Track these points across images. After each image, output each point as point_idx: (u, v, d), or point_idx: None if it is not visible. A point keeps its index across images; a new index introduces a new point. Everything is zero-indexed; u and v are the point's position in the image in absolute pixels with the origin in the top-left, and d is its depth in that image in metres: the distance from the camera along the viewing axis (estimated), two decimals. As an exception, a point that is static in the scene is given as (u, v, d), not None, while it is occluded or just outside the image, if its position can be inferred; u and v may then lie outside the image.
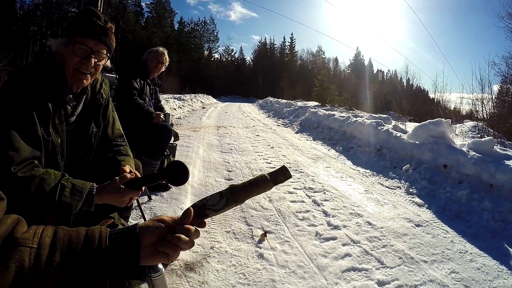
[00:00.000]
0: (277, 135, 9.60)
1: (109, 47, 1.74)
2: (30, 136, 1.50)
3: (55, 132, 1.63)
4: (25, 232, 0.76)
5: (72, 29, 1.65)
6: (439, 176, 4.52)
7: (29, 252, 0.71)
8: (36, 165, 1.50)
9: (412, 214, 3.54)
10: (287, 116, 14.61)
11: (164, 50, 4.13)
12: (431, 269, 2.50)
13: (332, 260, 2.56)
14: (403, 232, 3.10)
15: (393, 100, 15.13)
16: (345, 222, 3.26)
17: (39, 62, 1.67)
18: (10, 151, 1.42)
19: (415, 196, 4.12)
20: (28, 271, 0.69)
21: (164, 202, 3.54)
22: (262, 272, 2.36)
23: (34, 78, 1.56)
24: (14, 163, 1.41)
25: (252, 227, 3.09)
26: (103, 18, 1.69)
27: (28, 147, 1.49)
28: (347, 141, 7.68)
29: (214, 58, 75.51)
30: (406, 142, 5.75)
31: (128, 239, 0.81)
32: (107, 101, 2.00)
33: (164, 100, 15.28)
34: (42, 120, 1.56)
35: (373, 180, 4.89)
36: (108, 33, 1.70)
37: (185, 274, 2.30)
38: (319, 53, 79.22)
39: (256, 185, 1.01)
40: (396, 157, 5.66)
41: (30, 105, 1.51)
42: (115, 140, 2.04)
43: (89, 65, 1.65)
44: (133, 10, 65.58)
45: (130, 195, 1.51)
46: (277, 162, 5.82)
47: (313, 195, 4.05)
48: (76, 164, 1.85)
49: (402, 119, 12.57)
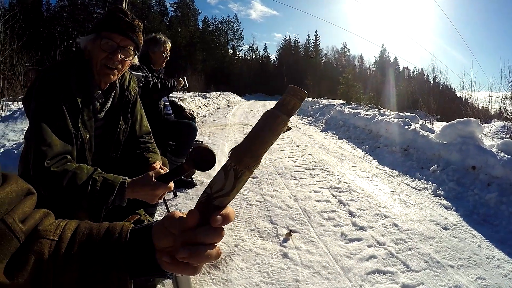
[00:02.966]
0: (303, 134, 9.55)
1: (136, 43, 1.77)
2: (61, 131, 1.55)
3: (84, 128, 1.67)
4: (48, 225, 0.76)
5: (100, 25, 1.70)
6: (467, 177, 4.42)
7: (50, 244, 0.71)
8: (69, 160, 1.55)
9: (439, 217, 3.48)
10: (313, 115, 14.52)
11: (167, 38, 3.90)
12: (457, 274, 2.46)
13: (357, 261, 2.54)
14: (429, 235, 3.05)
15: (420, 99, 14.84)
16: (371, 223, 3.23)
17: (67, 60, 1.72)
18: (43, 146, 1.46)
19: (443, 198, 4.04)
20: (48, 264, 0.69)
21: (189, 199, 3.58)
22: (286, 271, 2.37)
23: (63, 75, 1.60)
24: (47, 157, 1.45)
25: (277, 225, 3.09)
26: (131, 16, 1.74)
27: (60, 142, 1.53)
28: (373, 140, 7.58)
29: (238, 56, 75.82)
30: (434, 142, 5.63)
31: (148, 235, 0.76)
32: (135, 98, 2.05)
33: (189, 98, 15.42)
34: (72, 116, 1.60)
35: (399, 181, 4.82)
36: (135, 29, 1.74)
37: (209, 271, 2.33)
38: (343, 50, 78.56)
39: (264, 129, 0.65)
40: (423, 157, 5.56)
41: (60, 101, 1.55)
42: (142, 137, 2.08)
43: (116, 60, 1.69)
44: (157, 10, 66.55)
45: (162, 189, 1.51)
46: (302, 161, 5.80)
47: (339, 194, 4.02)
48: (103, 159, 1.90)
49: (429, 118, 12.28)
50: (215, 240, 0.67)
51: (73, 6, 60.19)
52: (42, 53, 18.33)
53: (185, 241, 0.66)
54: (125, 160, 1.95)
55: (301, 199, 3.81)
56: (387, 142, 6.95)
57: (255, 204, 3.58)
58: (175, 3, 69.28)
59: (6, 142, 6.37)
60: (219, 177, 0.65)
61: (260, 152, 0.65)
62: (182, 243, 0.66)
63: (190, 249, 0.64)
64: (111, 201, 1.48)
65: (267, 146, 0.65)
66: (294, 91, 0.65)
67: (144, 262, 0.73)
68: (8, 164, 3.84)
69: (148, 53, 3.74)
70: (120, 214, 1.68)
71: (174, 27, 63.99)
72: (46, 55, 17.61)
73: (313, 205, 3.64)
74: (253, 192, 3.95)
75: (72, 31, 59.18)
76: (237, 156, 0.64)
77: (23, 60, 15.28)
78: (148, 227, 0.75)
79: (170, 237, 0.69)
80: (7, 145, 5.91)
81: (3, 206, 0.68)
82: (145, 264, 0.73)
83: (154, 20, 58.44)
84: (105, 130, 1.89)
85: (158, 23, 57.85)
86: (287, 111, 0.65)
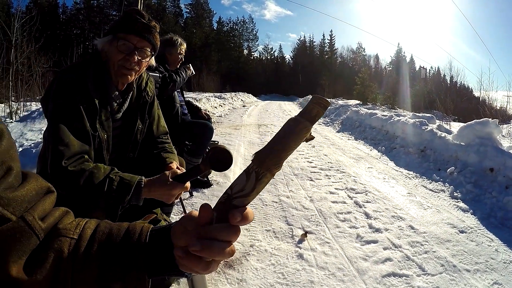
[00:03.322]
0: (318, 134, 9.53)
1: (153, 44, 1.79)
2: (79, 131, 1.58)
3: (101, 128, 1.70)
4: (68, 223, 0.77)
5: (116, 27, 1.73)
6: (485, 180, 4.36)
7: (69, 242, 0.73)
8: (86, 159, 1.58)
9: (456, 220, 3.44)
10: (328, 115, 14.45)
11: (182, 40, 3.93)
12: (474, 278, 2.43)
13: (373, 264, 2.53)
14: (446, 238, 3.02)
15: (437, 99, 14.64)
16: (387, 225, 3.21)
17: (84, 62, 1.74)
18: (61, 146, 1.49)
19: (460, 201, 3.99)
20: (67, 262, 0.70)
21: (205, 199, 3.62)
22: (301, 272, 2.37)
23: (80, 77, 1.63)
24: (64, 157, 1.48)
25: (293, 226, 3.10)
26: (147, 17, 1.75)
27: (78, 142, 1.56)
28: (389, 141, 7.53)
29: (253, 56, 75.89)
30: (451, 143, 5.56)
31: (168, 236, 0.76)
32: (152, 99, 2.07)
33: (205, 99, 15.50)
34: (89, 116, 1.63)
35: (416, 182, 4.78)
36: (151, 31, 1.75)
37: (224, 271, 2.35)
38: (359, 50, 78.01)
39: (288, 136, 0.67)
40: (440, 159, 5.50)
41: (78, 102, 1.58)
42: (159, 137, 2.11)
43: (133, 61, 1.71)
44: (172, 11, 67.13)
45: (179, 189, 1.53)
46: (318, 161, 5.80)
47: (355, 196, 4.01)
48: (121, 159, 1.93)
49: (446, 118, 12.10)
50: (230, 238, 0.67)
51: (89, 9, 61.20)
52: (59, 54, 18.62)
53: (200, 235, 0.67)
54: (142, 160, 1.98)
55: (317, 200, 3.81)
56: (404, 143, 6.90)
57: (271, 204, 3.60)
58: (189, 4, 69.83)
59: (24, 141, 6.51)
60: (241, 178, 0.67)
61: (282, 156, 0.66)
62: (196, 237, 0.67)
63: (203, 242, 0.65)
64: (128, 200, 1.50)
65: (289, 151, 0.66)
66: (317, 99, 0.68)
67: (163, 261, 0.74)
68: (26, 163, 3.92)
69: (164, 55, 3.78)
70: (137, 213, 1.69)
71: (189, 28, 64.47)
72: (63, 57, 17.91)
73: (329, 206, 3.64)
74: (269, 192, 3.97)
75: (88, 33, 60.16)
76: (259, 159, 0.66)
77: (41, 62, 15.58)
78: (168, 227, 0.76)
79: (188, 235, 0.69)
80: (25, 144, 6.05)
81: (23, 204, 0.70)
82: (163, 263, 0.74)
83: (169, 21, 58.92)
84: (122, 130, 1.92)
85: (173, 25, 58.33)
86: (310, 118, 0.67)
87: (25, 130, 7.42)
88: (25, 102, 12.02)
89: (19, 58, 14.62)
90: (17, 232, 0.66)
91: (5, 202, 0.66)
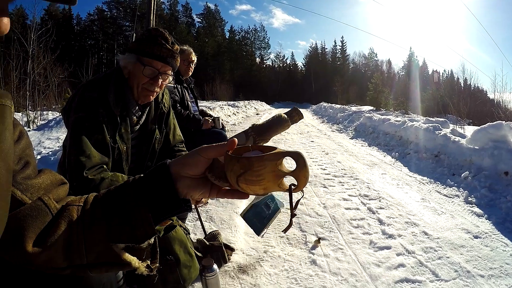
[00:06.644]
0: (332, 141, 9.53)
1: (174, 67, 1.87)
2: (99, 143, 1.65)
3: (121, 140, 1.77)
4: (75, 198, 0.84)
5: (141, 49, 1.79)
6: (500, 184, 4.32)
7: (77, 209, 0.78)
8: (105, 169, 1.65)
9: (471, 225, 3.41)
10: (342, 122, 14.45)
11: (189, 48, 3.97)
12: (488, 284, 2.40)
13: (385, 270, 2.54)
14: (460, 244, 3.00)
15: (450, 102, 14.50)
16: (400, 231, 3.21)
17: (106, 76, 1.82)
18: (82, 157, 1.57)
19: (474, 206, 3.95)
20: (77, 224, 0.76)
21: (219, 206, 3.65)
22: (314, 278, 2.39)
23: (102, 94, 1.70)
24: (85, 167, 1.56)
25: (306, 233, 3.13)
26: (171, 41, 1.82)
27: (98, 153, 1.63)
28: (403, 147, 7.50)
29: (266, 64, 76.23)
30: (465, 147, 5.51)
31: (159, 170, 0.81)
32: (168, 109, 2.16)
33: (218, 107, 15.61)
34: (110, 129, 1.71)
35: (430, 188, 4.75)
36: (175, 56, 1.83)
37: (238, 276, 2.38)
38: (371, 55, 77.90)
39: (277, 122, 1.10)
40: (454, 164, 5.46)
41: (99, 116, 1.65)
42: (176, 146, 2.19)
43: (156, 85, 1.80)
44: (184, 21, 67.98)
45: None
46: (332, 168, 5.80)
47: (368, 202, 4.01)
48: (140, 168, 2.01)
49: (460, 122, 11.97)
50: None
51: (103, 20, 62.45)
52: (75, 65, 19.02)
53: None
54: None
55: (330, 207, 3.82)
56: (417, 148, 6.87)
57: (284, 211, 3.62)
58: (201, 14, 70.75)
59: (42, 149, 6.67)
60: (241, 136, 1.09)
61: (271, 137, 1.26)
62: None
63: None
64: None
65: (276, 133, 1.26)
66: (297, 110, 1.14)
67: (160, 194, 0.78)
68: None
69: None
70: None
71: (201, 37, 65.19)
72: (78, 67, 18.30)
73: (342, 213, 3.65)
74: (282, 200, 3.99)
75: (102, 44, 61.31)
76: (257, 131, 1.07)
77: (57, 72, 15.92)
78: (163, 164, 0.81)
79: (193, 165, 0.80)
80: (43, 152, 6.21)
81: (40, 190, 0.78)
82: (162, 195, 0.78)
83: (182, 31, 59.72)
84: (140, 140, 2.00)
85: (185, 34, 59.11)
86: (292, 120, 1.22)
87: (42, 139, 7.60)
88: (42, 111, 12.29)
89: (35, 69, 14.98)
90: (34, 210, 0.74)
91: (23, 188, 0.75)
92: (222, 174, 0.79)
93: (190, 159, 0.80)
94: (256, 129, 0.92)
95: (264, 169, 0.72)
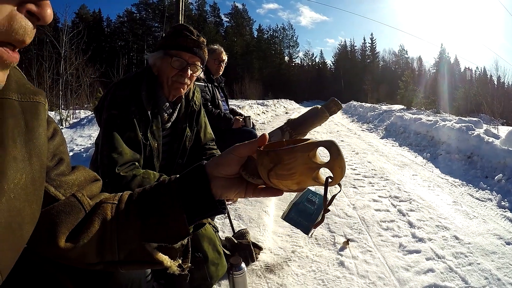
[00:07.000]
0: (362, 141, 9.41)
1: (202, 58, 1.89)
2: (131, 140, 1.69)
3: (152, 137, 1.81)
4: (109, 196, 0.86)
5: (167, 43, 1.83)
6: (537, 187, 4.17)
7: (111, 207, 0.80)
8: (137, 166, 1.69)
9: (503, 230, 3.29)
10: (372, 121, 14.26)
11: (220, 47, 4.05)
12: (519, 292, 2.32)
13: (414, 274, 2.48)
14: (491, 250, 2.89)
15: (483, 101, 14.05)
16: (430, 235, 3.13)
17: (136, 75, 1.85)
18: (115, 154, 1.61)
19: (507, 210, 3.81)
20: (111, 223, 0.77)
21: (248, 204, 3.67)
22: (342, 280, 2.37)
23: (134, 92, 1.74)
24: (118, 164, 1.59)
25: (335, 234, 3.10)
26: (196, 33, 1.86)
27: (130, 150, 1.67)
28: (435, 147, 7.32)
29: (295, 63, 75.92)
30: (499, 149, 5.33)
31: (195, 171, 0.82)
32: (199, 107, 2.18)
33: (248, 106, 15.66)
34: (142, 126, 1.74)
35: (462, 191, 4.62)
36: (201, 46, 1.86)
37: (265, 275, 2.38)
38: (401, 52, 76.33)
39: (313, 116, 1.05)
40: (487, 166, 5.28)
41: (131, 113, 1.69)
42: (207, 144, 2.21)
43: (186, 76, 1.82)
44: (212, 21, 68.66)
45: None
46: (362, 169, 5.73)
47: (399, 204, 3.94)
48: (171, 166, 2.04)
49: (494, 122, 11.55)
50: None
51: (132, 21, 63.92)
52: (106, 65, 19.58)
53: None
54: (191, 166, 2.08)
55: (360, 208, 3.78)
56: (450, 149, 6.68)
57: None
58: (229, 14, 71.18)
59: (74, 146, 6.91)
60: (277, 132, 1.00)
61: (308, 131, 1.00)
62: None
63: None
64: None
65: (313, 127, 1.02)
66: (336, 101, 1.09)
67: (196, 195, 0.79)
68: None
69: (206, 66, 3.86)
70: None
71: (229, 37, 65.69)
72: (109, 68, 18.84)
73: (372, 214, 3.60)
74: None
75: (132, 45, 62.76)
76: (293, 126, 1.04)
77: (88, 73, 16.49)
78: (199, 165, 0.82)
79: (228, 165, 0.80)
80: (75, 149, 6.47)
81: (73, 187, 0.80)
82: (197, 197, 0.79)
83: (210, 31, 60.34)
84: (172, 138, 2.03)
85: (214, 34, 59.75)
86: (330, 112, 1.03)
87: (75, 136, 7.84)
88: (74, 110, 12.73)
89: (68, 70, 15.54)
90: (67, 206, 0.75)
91: (57, 184, 0.77)
92: (255, 171, 0.77)
93: (223, 158, 0.80)
94: (292, 124, 0.91)
95: (295, 161, 0.68)
